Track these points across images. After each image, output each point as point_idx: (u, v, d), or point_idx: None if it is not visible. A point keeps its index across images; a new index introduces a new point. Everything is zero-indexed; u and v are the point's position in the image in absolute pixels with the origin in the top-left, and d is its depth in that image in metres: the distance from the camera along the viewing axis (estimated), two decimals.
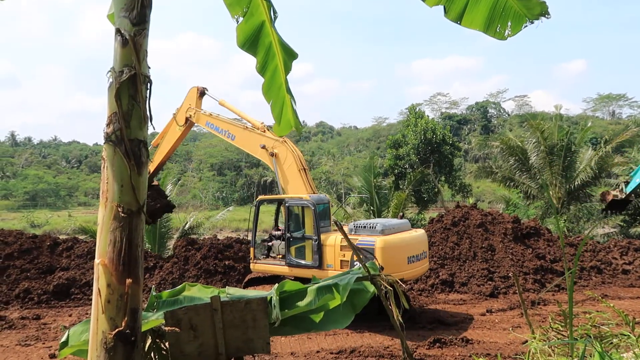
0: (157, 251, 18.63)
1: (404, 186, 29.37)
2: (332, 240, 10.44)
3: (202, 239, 17.51)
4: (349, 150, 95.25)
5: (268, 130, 12.15)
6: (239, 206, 61.45)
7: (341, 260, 10.28)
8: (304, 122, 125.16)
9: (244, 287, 11.74)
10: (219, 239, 16.74)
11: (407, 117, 42.42)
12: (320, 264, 10.45)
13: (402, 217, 12.27)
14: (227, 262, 15.21)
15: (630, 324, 3.59)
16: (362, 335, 9.87)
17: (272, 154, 11.73)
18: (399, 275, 10.09)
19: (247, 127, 12.47)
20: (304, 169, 11.56)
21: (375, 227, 10.36)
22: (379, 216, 23.20)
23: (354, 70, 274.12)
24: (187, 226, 21.42)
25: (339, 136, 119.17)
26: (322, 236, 10.57)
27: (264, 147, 11.83)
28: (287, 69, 3.74)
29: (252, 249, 11.87)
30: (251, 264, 11.91)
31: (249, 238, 12.53)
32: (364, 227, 10.56)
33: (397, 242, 10.24)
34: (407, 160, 33.97)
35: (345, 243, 10.06)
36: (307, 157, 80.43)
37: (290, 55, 3.67)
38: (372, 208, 22.56)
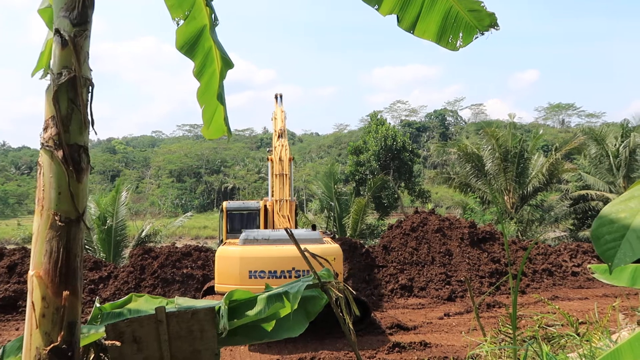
0: (112, 260, 18.02)
1: (365, 192, 29.65)
2: (221, 246, 10.52)
3: (159, 247, 17.06)
4: (310, 156, 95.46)
5: (279, 138, 12.75)
6: (199, 213, 60.40)
7: None
8: (264, 127, 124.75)
9: (202, 296, 11.58)
10: (177, 247, 16.35)
11: (368, 124, 42.96)
12: None
13: (314, 228, 12.49)
14: (185, 271, 14.86)
15: (574, 325, 3.71)
16: (322, 342, 9.83)
17: (267, 159, 12.64)
18: (231, 288, 9.84)
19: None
20: (282, 174, 11.78)
21: (239, 237, 10.25)
22: (340, 222, 23.31)
23: (316, 77, 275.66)
24: (143, 234, 20.83)
25: (300, 142, 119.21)
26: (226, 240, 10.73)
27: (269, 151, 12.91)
28: (222, 77, 3.71)
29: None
30: None
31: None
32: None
33: (238, 254, 9.76)
34: (367, 166, 34.35)
35: (220, 254, 10.08)
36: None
37: (226, 63, 3.64)
38: (332, 214, 22.63)
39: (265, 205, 12.87)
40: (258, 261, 9.53)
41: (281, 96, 15.64)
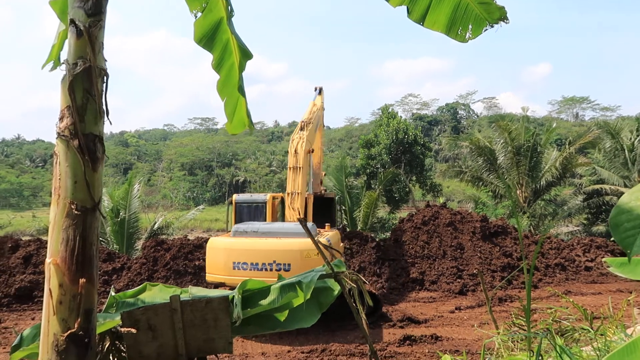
0: (125, 252, 18.22)
1: (376, 186, 29.59)
2: (212, 238, 10.68)
3: (171, 239, 17.21)
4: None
5: (301, 130, 12.57)
6: (210, 206, 60.74)
7: None
8: (276, 121, 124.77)
9: (215, 286, 11.70)
10: (189, 239, 16.47)
11: (379, 117, 42.77)
12: None
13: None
14: (197, 263, 14.98)
15: (589, 319, 3.68)
16: (333, 334, 9.87)
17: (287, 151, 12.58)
18: (218, 278, 9.83)
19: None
20: (296, 167, 11.73)
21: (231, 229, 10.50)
22: (351, 215, 23.31)
23: (327, 70, 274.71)
24: (155, 226, 21.01)
25: None
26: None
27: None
28: (242, 68, 3.70)
29: None
30: None
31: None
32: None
33: (224, 245, 9.96)
34: (379, 160, 34.23)
35: (210, 244, 10.25)
36: (280, 157, 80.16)
37: (245, 54, 3.63)
38: (343, 207, 22.65)
39: (282, 197, 12.89)
40: (242, 253, 9.67)
41: (321, 89, 15.22)
